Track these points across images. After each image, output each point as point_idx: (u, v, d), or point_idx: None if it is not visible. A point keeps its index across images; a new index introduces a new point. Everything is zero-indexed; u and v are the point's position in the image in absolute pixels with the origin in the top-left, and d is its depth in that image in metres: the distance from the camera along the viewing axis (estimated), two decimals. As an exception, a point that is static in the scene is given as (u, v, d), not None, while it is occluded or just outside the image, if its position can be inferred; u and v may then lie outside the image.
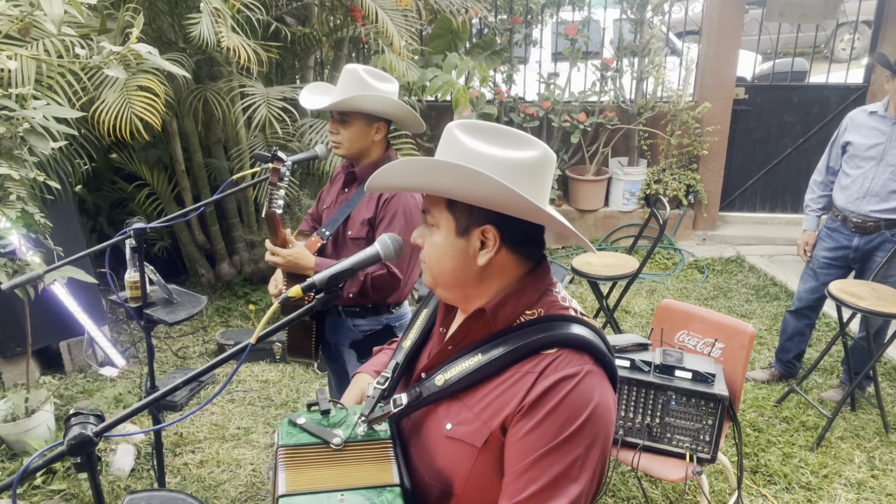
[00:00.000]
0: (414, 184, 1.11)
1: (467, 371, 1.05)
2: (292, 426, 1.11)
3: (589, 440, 0.98)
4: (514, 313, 1.08)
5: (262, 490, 2.78)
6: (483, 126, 1.07)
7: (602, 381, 1.02)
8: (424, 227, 1.12)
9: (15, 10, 2.10)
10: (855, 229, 3.15)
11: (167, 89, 3.17)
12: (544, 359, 1.01)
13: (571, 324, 1.05)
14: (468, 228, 1.06)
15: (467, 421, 1.04)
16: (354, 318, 2.20)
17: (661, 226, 3.46)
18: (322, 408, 1.14)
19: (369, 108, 2.03)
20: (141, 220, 1.96)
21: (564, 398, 0.97)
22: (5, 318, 3.19)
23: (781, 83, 5.85)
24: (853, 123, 3.17)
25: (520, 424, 0.99)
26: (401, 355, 1.22)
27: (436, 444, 1.08)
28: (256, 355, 3.82)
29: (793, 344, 3.53)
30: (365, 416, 1.11)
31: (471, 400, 1.05)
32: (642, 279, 4.99)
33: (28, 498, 2.66)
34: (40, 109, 2.33)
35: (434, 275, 1.11)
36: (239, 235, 4.59)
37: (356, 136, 2.08)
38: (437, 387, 1.08)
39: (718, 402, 2.20)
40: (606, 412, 1.01)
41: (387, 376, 1.19)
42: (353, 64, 2.08)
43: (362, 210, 2.12)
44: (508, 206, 1.01)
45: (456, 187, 1.02)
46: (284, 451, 1.06)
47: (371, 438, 1.09)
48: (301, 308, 1.14)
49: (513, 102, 5.56)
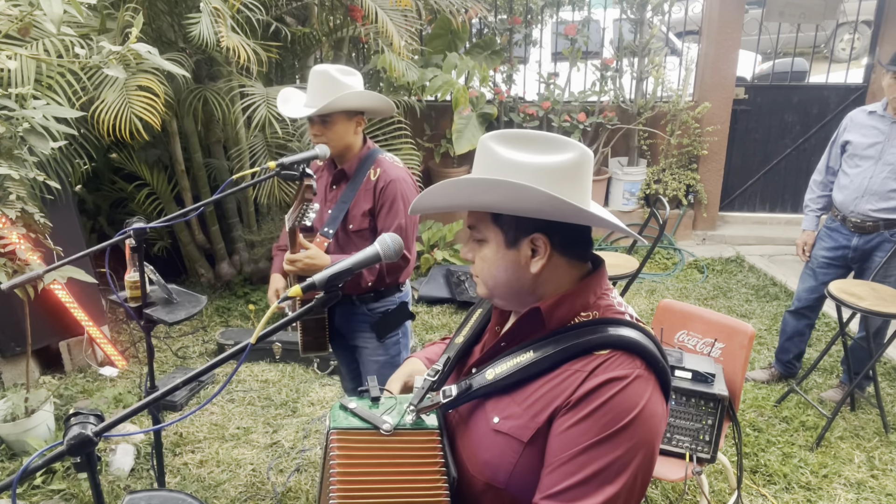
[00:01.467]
0: (459, 203, 1.09)
1: (518, 367, 1.06)
2: (344, 410, 1.13)
3: (630, 444, 0.97)
4: (570, 314, 1.08)
5: (262, 490, 2.78)
6: (517, 134, 1.07)
7: (652, 386, 1.01)
8: (472, 242, 1.13)
9: (15, 9, 2.10)
10: (854, 229, 3.15)
11: (167, 89, 3.17)
12: (596, 359, 1.01)
13: (626, 327, 1.05)
14: (517, 239, 1.07)
15: (515, 416, 1.05)
16: (368, 303, 2.29)
17: (661, 226, 3.46)
18: (372, 394, 1.17)
19: (350, 106, 2.12)
20: (141, 220, 1.96)
21: (611, 399, 0.97)
22: (5, 318, 3.19)
23: (781, 83, 5.85)
24: (853, 123, 3.18)
25: (563, 419, 1.00)
26: (453, 351, 1.24)
27: (482, 437, 1.08)
28: (256, 355, 3.82)
29: (792, 344, 3.53)
30: (414, 405, 1.13)
31: (520, 396, 1.06)
32: (642, 279, 4.99)
33: (28, 498, 2.66)
34: (40, 109, 2.33)
35: (490, 287, 1.12)
36: (239, 235, 4.59)
37: (341, 134, 2.16)
38: (487, 381, 1.09)
39: (718, 401, 2.20)
40: (653, 419, 0.99)
41: (438, 369, 1.21)
42: (320, 65, 2.16)
43: (360, 202, 2.18)
44: (556, 214, 1.02)
45: (503, 202, 1.02)
46: (337, 433, 1.09)
47: (419, 427, 1.11)
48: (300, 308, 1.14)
49: (512, 102, 5.56)
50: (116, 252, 2.01)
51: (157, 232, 4.57)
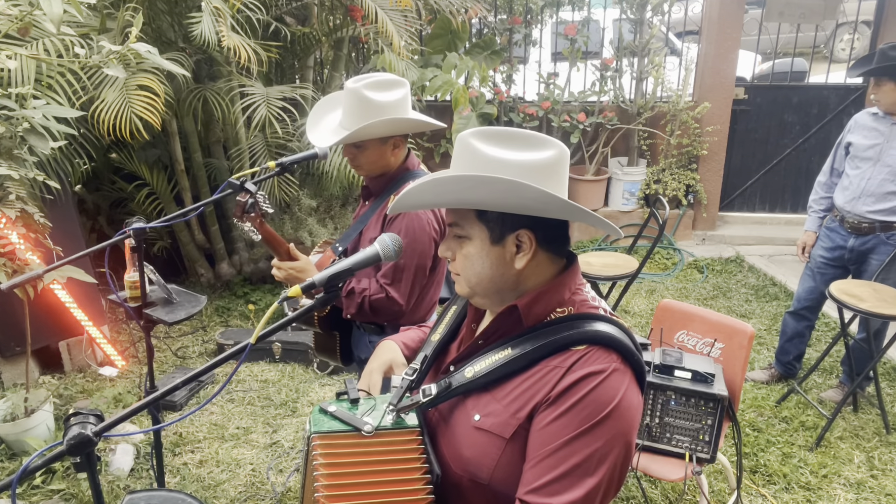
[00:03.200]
0: (446, 200, 1.10)
1: (497, 364, 1.07)
2: (323, 413, 1.13)
3: (609, 435, 0.99)
4: (546, 311, 1.10)
5: (262, 490, 2.78)
6: (496, 132, 1.08)
7: (628, 379, 1.04)
8: (453, 240, 1.13)
9: (14, 9, 2.10)
10: (851, 230, 3.15)
11: (167, 89, 3.17)
12: (573, 355, 1.03)
13: (601, 322, 1.07)
14: (503, 235, 1.08)
15: (496, 413, 1.06)
16: (371, 334, 2.15)
17: (661, 226, 3.46)
18: (351, 397, 1.16)
19: (380, 134, 1.92)
20: (140, 220, 1.96)
21: (589, 393, 1.00)
22: (5, 318, 3.18)
23: (781, 83, 5.85)
24: (856, 125, 3.18)
25: (544, 415, 1.02)
26: (430, 349, 1.24)
27: (464, 434, 1.09)
28: (256, 355, 3.82)
29: (792, 345, 3.52)
30: (394, 405, 1.13)
31: (500, 393, 1.07)
32: (642, 279, 4.99)
33: (27, 497, 2.66)
34: (40, 109, 2.33)
35: (472, 285, 1.12)
36: (238, 235, 4.59)
37: (374, 158, 1.97)
38: (466, 378, 1.10)
39: (718, 401, 2.20)
40: (630, 410, 1.02)
41: (415, 368, 1.21)
42: (352, 82, 1.91)
43: (371, 228, 2.04)
44: (546, 210, 1.03)
45: (494, 199, 1.03)
46: (318, 437, 1.08)
47: (400, 427, 1.11)
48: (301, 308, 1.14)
49: (512, 102, 5.56)
50: (116, 252, 2.00)
51: (157, 232, 4.56)
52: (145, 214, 4.26)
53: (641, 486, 2.70)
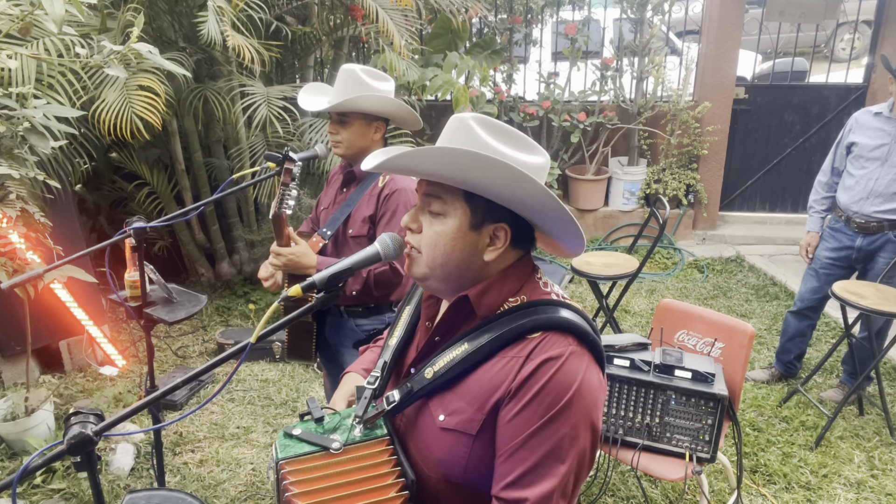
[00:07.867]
0: (449, 173, 1.03)
1: (455, 361, 1.07)
2: (289, 438, 1.11)
3: (574, 420, 1.00)
4: (498, 301, 1.10)
5: (262, 489, 2.78)
6: (494, 123, 1.07)
7: (587, 360, 1.04)
8: (423, 212, 1.10)
9: (15, 9, 2.10)
10: (858, 230, 3.15)
11: (167, 88, 3.17)
12: (529, 343, 1.03)
13: (555, 307, 1.07)
14: (482, 223, 1.07)
15: (459, 411, 1.06)
16: (357, 318, 2.19)
17: (661, 225, 3.46)
18: (315, 416, 1.15)
19: (368, 108, 2.04)
20: (141, 220, 1.96)
21: (550, 380, 1.00)
22: (5, 317, 3.19)
23: (781, 83, 5.85)
24: (858, 124, 3.17)
25: (508, 408, 1.02)
26: (388, 353, 1.23)
27: (432, 436, 1.09)
28: (256, 354, 3.82)
29: (794, 345, 3.52)
30: (359, 417, 1.12)
31: (461, 390, 1.07)
32: (642, 279, 4.99)
33: (28, 497, 2.66)
34: (41, 108, 2.33)
35: (433, 266, 1.09)
36: (239, 235, 4.59)
37: (356, 136, 2.08)
38: (426, 380, 1.09)
39: (718, 401, 2.20)
40: (591, 391, 1.02)
41: (377, 375, 1.20)
42: (350, 64, 2.08)
43: (363, 208, 2.12)
44: (542, 211, 1.03)
45: (497, 185, 1.01)
46: (286, 462, 1.07)
47: (369, 438, 1.10)
48: (301, 308, 1.14)
49: (513, 102, 5.56)
50: (116, 251, 2.01)
51: (157, 231, 4.56)
52: (146, 214, 4.26)
53: (641, 486, 2.70)
